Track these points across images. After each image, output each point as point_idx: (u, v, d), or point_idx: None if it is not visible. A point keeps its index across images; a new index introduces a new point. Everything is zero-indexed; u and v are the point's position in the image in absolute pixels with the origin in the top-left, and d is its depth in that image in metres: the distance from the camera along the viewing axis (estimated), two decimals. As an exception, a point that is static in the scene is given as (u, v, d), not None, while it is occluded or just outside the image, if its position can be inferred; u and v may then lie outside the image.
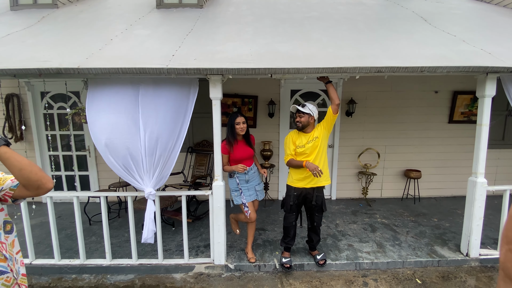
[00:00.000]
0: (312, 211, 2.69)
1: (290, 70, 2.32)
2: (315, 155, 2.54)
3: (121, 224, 3.70)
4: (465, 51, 2.71)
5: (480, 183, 2.69)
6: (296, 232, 2.79)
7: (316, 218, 2.71)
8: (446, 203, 4.38)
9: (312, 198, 2.60)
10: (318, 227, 2.75)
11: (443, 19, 3.63)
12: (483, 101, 2.64)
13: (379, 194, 4.70)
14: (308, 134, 2.57)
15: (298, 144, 2.57)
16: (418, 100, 4.46)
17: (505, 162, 4.61)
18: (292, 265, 2.73)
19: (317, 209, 2.66)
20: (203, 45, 2.77)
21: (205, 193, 2.70)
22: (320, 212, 2.69)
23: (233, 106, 4.28)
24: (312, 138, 2.55)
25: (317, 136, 2.54)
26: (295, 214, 2.68)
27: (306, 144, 2.53)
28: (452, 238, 3.22)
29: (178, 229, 3.51)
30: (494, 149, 4.47)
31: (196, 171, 4.37)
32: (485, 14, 3.91)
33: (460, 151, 4.56)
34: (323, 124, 2.56)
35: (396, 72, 2.45)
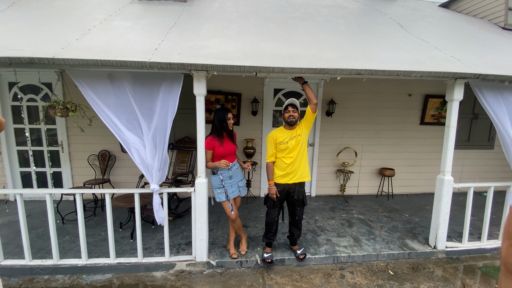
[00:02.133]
0: (294, 205, 2.77)
1: (275, 69, 2.35)
2: (297, 152, 2.63)
3: (97, 223, 3.57)
4: (437, 57, 2.89)
5: (447, 180, 2.90)
6: (278, 228, 2.85)
7: (298, 212, 2.78)
8: (416, 200, 4.67)
9: (294, 193, 2.69)
10: (300, 221, 2.82)
11: (417, 26, 3.84)
12: (452, 104, 2.83)
13: (356, 191, 4.89)
14: (292, 130, 2.66)
15: (281, 140, 2.64)
16: (394, 102, 4.68)
17: (470, 161, 4.98)
18: (273, 260, 2.80)
19: (298, 203, 2.75)
20: (187, 40, 2.72)
21: (188, 190, 2.67)
22: (301, 206, 2.78)
23: (216, 103, 4.25)
24: (295, 135, 2.64)
25: (299, 133, 2.64)
26: (277, 210, 2.74)
27: (289, 141, 2.62)
28: (421, 232, 3.44)
29: (158, 227, 3.45)
30: (460, 150, 4.82)
31: (178, 168, 4.30)
32: (456, 23, 4.18)
33: (430, 151, 4.86)
34: (303, 123, 2.67)
35: (375, 75, 2.56)
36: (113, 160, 4.28)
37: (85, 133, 3.97)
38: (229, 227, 2.93)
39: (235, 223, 2.76)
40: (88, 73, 2.38)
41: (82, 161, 4.21)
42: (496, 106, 2.79)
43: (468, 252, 3.05)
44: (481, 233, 3.18)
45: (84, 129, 2.81)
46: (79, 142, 4.21)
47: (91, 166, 4.17)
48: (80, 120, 2.64)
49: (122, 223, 3.45)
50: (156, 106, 2.51)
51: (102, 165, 4.22)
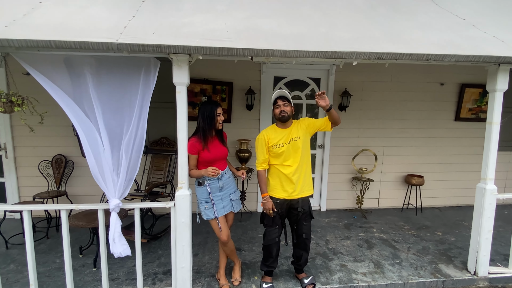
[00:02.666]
0: (298, 220, 2.72)
1: (276, 53, 2.34)
2: (298, 161, 2.60)
3: (51, 247, 3.52)
4: (475, 38, 2.91)
5: (489, 190, 2.92)
6: (279, 251, 2.81)
7: (304, 228, 2.72)
8: (451, 214, 4.70)
9: (298, 205, 2.66)
10: (308, 239, 2.76)
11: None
12: (494, 96, 2.86)
13: (376, 204, 4.91)
14: (287, 129, 2.64)
15: (275, 143, 2.60)
16: (422, 93, 4.72)
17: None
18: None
19: (304, 217, 2.70)
20: (165, 16, 2.70)
21: (166, 205, 2.64)
22: (308, 220, 2.73)
23: (201, 95, 4.24)
24: (293, 137, 2.61)
25: (299, 136, 2.61)
26: (277, 228, 2.70)
27: (285, 144, 2.59)
28: (458, 254, 3.46)
29: (130, 251, 3.41)
30: (505, 152, 4.86)
31: (153, 177, 4.27)
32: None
33: (467, 153, 4.91)
34: (308, 126, 2.64)
35: (399, 59, 2.57)
36: (71, 167, 4.23)
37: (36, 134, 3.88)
38: (219, 251, 2.91)
39: (227, 246, 2.74)
40: (39, 58, 2.34)
41: (31, 169, 4.15)
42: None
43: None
44: (531, 255, 3.20)
45: (34, 128, 2.77)
46: (28, 145, 4.14)
47: (43, 175, 4.11)
48: (29, 117, 2.59)
49: (82, 247, 3.41)
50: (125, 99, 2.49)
51: (57, 174, 4.17)
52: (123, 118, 2.46)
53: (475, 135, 4.85)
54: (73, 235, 3.53)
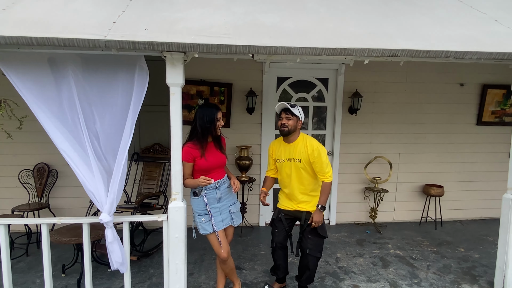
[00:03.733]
0: (303, 233, 2.76)
1: (279, 50, 2.33)
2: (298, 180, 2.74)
3: (31, 266, 3.49)
4: (498, 33, 2.90)
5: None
6: (287, 261, 2.93)
7: (308, 242, 2.72)
8: (474, 228, 4.64)
9: (302, 216, 2.76)
10: (312, 256, 2.73)
11: (470, -9, 3.87)
12: (521, 97, 2.83)
13: (391, 217, 4.86)
14: (290, 144, 2.73)
15: (277, 157, 2.81)
16: (440, 94, 4.71)
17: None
18: None
19: (309, 230, 2.71)
20: (157, 10, 2.71)
21: (158, 219, 2.61)
22: (314, 235, 2.72)
23: (198, 97, 4.24)
24: (295, 158, 2.70)
25: (300, 159, 2.69)
26: (280, 232, 2.82)
27: (286, 161, 2.75)
28: (483, 273, 3.40)
29: (117, 271, 3.35)
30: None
31: (144, 187, 4.25)
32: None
33: (491, 160, 4.87)
34: (309, 155, 2.65)
35: (415, 56, 2.55)
36: (55, 177, 4.22)
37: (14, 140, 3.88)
38: (217, 270, 2.86)
39: (226, 264, 2.69)
40: (19, 56, 2.33)
41: (10, 179, 4.13)
42: None
43: (549, 301, 3.00)
44: None
45: (13, 134, 2.75)
46: (7, 153, 4.14)
47: (23, 186, 4.09)
48: (7, 121, 2.58)
49: (65, 265, 3.36)
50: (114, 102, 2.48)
51: (39, 184, 4.15)
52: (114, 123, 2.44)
53: (499, 140, 4.81)
54: (55, 252, 3.50)
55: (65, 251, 3.73)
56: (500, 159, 4.83)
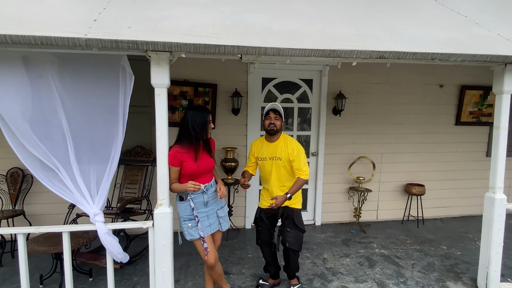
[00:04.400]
0: (282, 227, 2.89)
1: (268, 51, 2.27)
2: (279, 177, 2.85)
3: (5, 277, 3.31)
4: (480, 36, 2.96)
5: (498, 200, 2.94)
6: (275, 257, 3.05)
7: (288, 235, 2.82)
8: (454, 225, 4.75)
9: (278, 212, 2.88)
10: (292, 250, 2.84)
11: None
12: (501, 98, 2.89)
13: (375, 216, 4.91)
14: (273, 144, 2.86)
15: (259, 155, 2.92)
16: (420, 95, 4.79)
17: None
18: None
19: (287, 223, 2.84)
20: (140, 8, 2.61)
21: (143, 226, 2.51)
22: (292, 228, 2.83)
23: (181, 98, 4.13)
24: (276, 156, 2.83)
25: (281, 157, 2.82)
26: (261, 229, 2.95)
27: (268, 159, 2.87)
28: (466, 270, 3.47)
29: (99, 279, 3.23)
30: (508, 157, 4.95)
31: (126, 191, 4.10)
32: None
33: (469, 159, 5.00)
34: (289, 154, 2.79)
35: (402, 58, 2.56)
36: (29, 182, 4.00)
37: (-13, 144, 3.69)
38: (205, 276, 2.78)
39: (214, 271, 2.61)
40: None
41: (-19, 184, 3.89)
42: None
43: (528, 295, 3.09)
44: (543, 269, 3.25)
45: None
46: (-23, 157, 3.89)
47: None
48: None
49: (43, 275, 3.19)
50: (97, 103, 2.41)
51: (12, 190, 3.93)
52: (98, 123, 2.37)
53: (477, 140, 4.95)
54: (32, 261, 3.31)
55: (42, 260, 3.54)
56: (477, 158, 4.97)
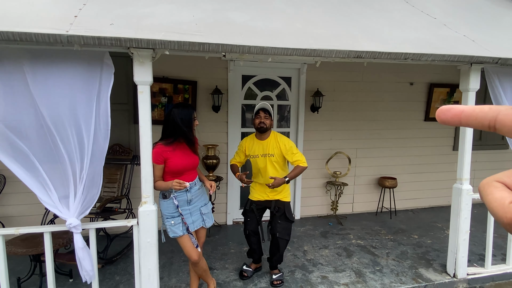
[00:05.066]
0: (273, 219, 3.08)
1: (252, 49, 2.31)
2: (271, 173, 2.95)
3: (-21, 281, 3.14)
4: (448, 37, 3.13)
5: (465, 190, 3.15)
6: (260, 245, 3.20)
7: (278, 227, 3.01)
8: (424, 216, 5.00)
9: (271, 205, 3.05)
10: (282, 238, 3.01)
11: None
12: (467, 95, 3.09)
13: (351, 209, 5.08)
14: (264, 141, 2.99)
15: (251, 153, 3.03)
16: (392, 93, 4.98)
17: (483, 165, 5.49)
18: (251, 276, 3.23)
19: (279, 216, 3.02)
20: (122, 5, 2.56)
21: (128, 224, 2.49)
22: (283, 220, 3.02)
23: (161, 95, 4.09)
24: (268, 153, 2.96)
25: (273, 154, 2.96)
26: (250, 220, 3.08)
27: (260, 156, 2.98)
28: (436, 257, 3.68)
29: (79, 280, 3.09)
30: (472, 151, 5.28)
31: (104, 191, 4.01)
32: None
33: (436, 153, 5.26)
34: (282, 150, 2.95)
35: (378, 58, 2.67)
36: (2, 183, 3.83)
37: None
38: (190, 273, 2.80)
39: (198, 267, 2.63)
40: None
41: (-51, 187, 3.69)
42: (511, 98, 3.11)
43: (492, 278, 3.33)
44: (505, 254, 3.49)
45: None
46: None
47: (-35, 194, 3.68)
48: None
49: (20, 278, 3.08)
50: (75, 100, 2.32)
51: (-17, 192, 3.75)
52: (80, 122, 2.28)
53: (444, 135, 5.22)
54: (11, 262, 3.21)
55: (18, 263, 3.42)
56: (444, 152, 5.24)
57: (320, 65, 3.22)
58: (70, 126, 2.24)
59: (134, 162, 3.98)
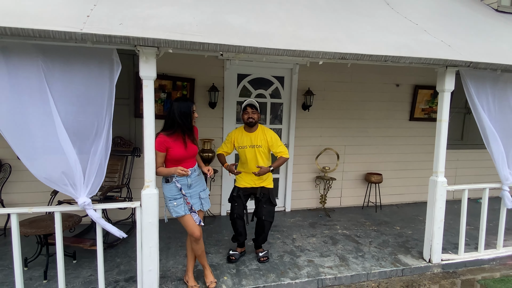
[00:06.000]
0: (258, 204, 3.37)
1: (247, 49, 2.56)
2: (257, 162, 3.28)
3: (-11, 260, 3.37)
4: (427, 42, 3.42)
5: (440, 182, 3.43)
6: (245, 228, 3.44)
7: (263, 210, 3.33)
8: (408, 210, 5.30)
9: (257, 191, 3.36)
10: (267, 221, 3.35)
11: (404, 3, 4.42)
12: (443, 95, 3.38)
13: (339, 203, 5.36)
14: (252, 134, 3.31)
15: (239, 144, 3.33)
16: (379, 93, 5.27)
17: (464, 163, 5.82)
18: (238, 259, 3.45)
19: (264, 201, 3.34)
20: (129, 7, 2.80)
21: (132, 205, 2.72)
22: (268, 205, 3.36)
23: (160, 91, 4.32)
24: (256, 144, 3.28)
25: (261, 145, 3.29)
26: (237, 205, 3.35)
27: (248, 147, 3.29)
28: (415, 245, 3.97)
29: (82, 262, 3.39)
30: (453, 150, 5.59)
31: (106, 180, 4.20)
32: (447, 2, 4.89)
33: (421, 151, 5.57)
34: (268, 142, 3.30)
35: (360, 59, 2.95)
36: (8, 172, 4.04)
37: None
38: (187, 253, 3.02)
39: (199, 245, 2.86)
40: None
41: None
42: (483, 99, 3.41)
43: (465, 264, 3.62)
44: (477, 243, 3.79)
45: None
46: (-46, 146, 3.88)
47: (-27, 181, 3.89)
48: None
49: (27, 258, 3.30)
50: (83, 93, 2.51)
51: (-10, 179, 3.96)
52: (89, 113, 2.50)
53: (428, 134, 5.51)
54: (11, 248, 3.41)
55: (23, 245, 3.59)
56: (428, 150, 5.51)
57: (311, 65, 3.47)
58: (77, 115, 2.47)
59: (135, 154, 4.21)
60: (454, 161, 5.74)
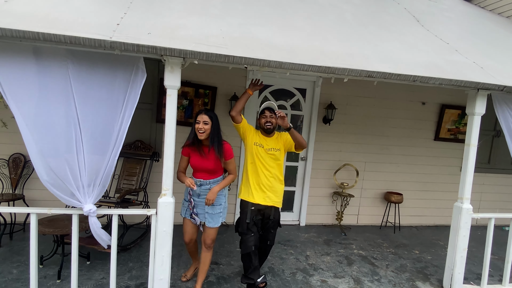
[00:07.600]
0: (268, 228, 3.07)
1: (272, 63, 2.55)
2: (273, 170, 3.00)
3: (5, 256, 3.44)
4: (458, 62, 3.32)
5: (465, 209, 3.29)
6: (258, 260, 3.02)
7: (270, 235, 3.10)
8: (428, 233, 5.11)
9: (271, 213, 3.02)
10: (271, 245, 3.18)
11: (435, 21, 4.33)
12: (473, 119, 3.25)
13: (355, 221, 5.23)
14: (269, 139, 3.04)
15: (256, 141, 3.00)
16: (404, 111, 5.15)
17: (490, 188, 5.59)
18: None
19: (273, 225, 3.09)
20: (158, 16, 2.84)
21: (147, 213, 2.73)
22: (275, 229, 3.14)
23: (183, 98, 4.36)
24: (274, 147, 3.02)
25: (279, 148, 3.03)
26: (253, 235, 2.92)
27: (264, 148, 2.99)
28: (434, 272, 3.81)
29: (96, 263, 3.42)
30: (479, 173, 5.37)
31: (124, 182, 4.29)
32: (479, 21, 4.78)
33: (445, 173, 5.39)
34: (286, 141, 3.06)
35: (388, 78, 2.88)
36: (31, 168, 4.16)
37: (-7, 129, 3.83)
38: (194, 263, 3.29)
39: (188, 246, 3.13)
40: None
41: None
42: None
43: (487, 296, 3.45)
44: (502, 275, 3.60)
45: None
46: (-18, 141, 4.04)
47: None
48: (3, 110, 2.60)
49: (43, 256, 3.36)
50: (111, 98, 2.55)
51: (13, 175, 4.08)
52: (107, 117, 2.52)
53: (453, 155, 5.34)
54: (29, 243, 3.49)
55: (40, 243, 3.66)
56: (453, 172, 5.36)
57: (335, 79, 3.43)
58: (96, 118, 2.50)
59: (154, 158, 4.25)
60: (479, 185, 5.51)
